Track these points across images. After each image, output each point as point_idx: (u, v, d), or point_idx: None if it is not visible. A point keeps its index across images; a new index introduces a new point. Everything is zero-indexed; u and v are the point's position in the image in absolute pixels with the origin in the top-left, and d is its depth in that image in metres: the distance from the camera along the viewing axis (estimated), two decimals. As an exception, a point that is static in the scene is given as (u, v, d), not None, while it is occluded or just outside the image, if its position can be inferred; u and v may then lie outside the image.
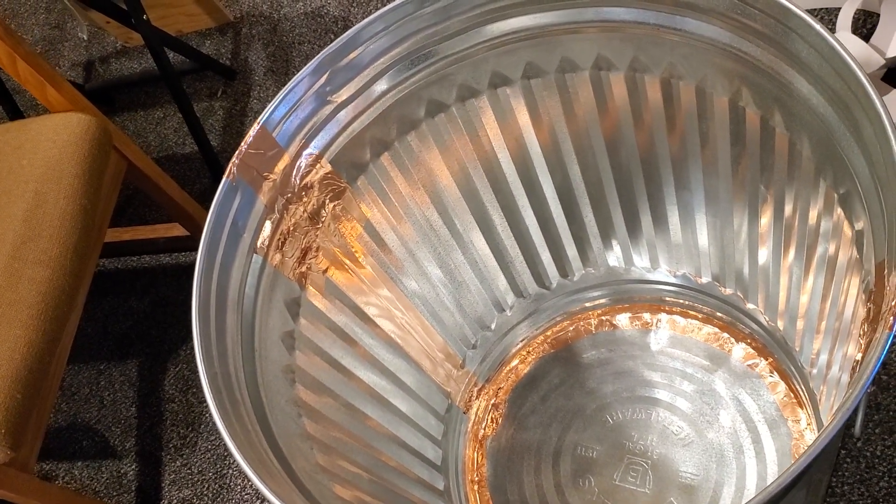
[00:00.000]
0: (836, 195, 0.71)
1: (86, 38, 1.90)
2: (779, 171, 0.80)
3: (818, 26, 0.61)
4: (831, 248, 0.78)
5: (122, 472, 1.39)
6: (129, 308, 1.54)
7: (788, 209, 0.84)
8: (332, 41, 1.68)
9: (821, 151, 0.70)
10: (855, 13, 1.23)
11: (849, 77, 0.60)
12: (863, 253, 0.67)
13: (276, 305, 0.80)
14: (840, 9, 1.24)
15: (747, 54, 0.72)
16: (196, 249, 1.54)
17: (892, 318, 0.52)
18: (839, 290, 0.80)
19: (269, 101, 1.65)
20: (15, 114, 1.66)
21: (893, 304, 0.53)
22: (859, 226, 0.68)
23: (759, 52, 0.70)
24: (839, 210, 0.72)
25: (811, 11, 1.31)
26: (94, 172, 1.16)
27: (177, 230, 1.49)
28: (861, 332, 0.64)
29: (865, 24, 1.27)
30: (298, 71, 1.66)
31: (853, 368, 0.63)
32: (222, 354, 0.69)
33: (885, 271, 0.58)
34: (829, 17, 1.30)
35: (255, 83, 1.71)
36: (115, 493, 1.37)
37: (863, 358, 0.55)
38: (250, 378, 0.72)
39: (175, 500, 1.33)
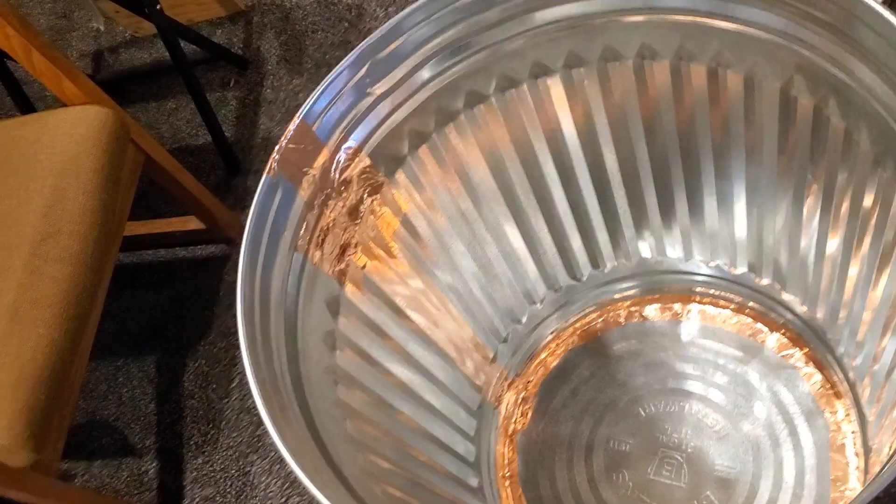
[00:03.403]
0: (896, 187, 0.70)
1: (102, 28, 1.87)
2: (830, 161, 0.78)
3: (887, 14, 0.59)
4: (887, 239, 0.76)
5: (142, 470, 1.37)
6: (146, 303, 1.52)
7: (838, 198, 0.82)
8: (345, 29, 1.67)
9: (882, 142, 0.69)
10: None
11: (922, 66, 0.58)
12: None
13: (316, 304, 0.78)
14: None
15: (804, 42, 0.70)
16: (213, 242, 1.54)
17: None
18: (891, 288, 0.78)
19: (283, 91, 1.65)
20: (25, 104, 1.63)
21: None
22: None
23: (818, 40, 0.68)
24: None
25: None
26: (113, 166, 1.14)
27: (193, 223, 1.47)
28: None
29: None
30: (312, 59, 1.66)
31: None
32: (268, 358, 0.67)
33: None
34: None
35: (269, 73, 1.68)
36: (136, 492, 1.35)
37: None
38: (296, 382, 0.70)
39: (198, 498, 1.31)
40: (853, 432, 0.98)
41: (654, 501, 1.00)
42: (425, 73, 0.82)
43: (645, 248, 1.08)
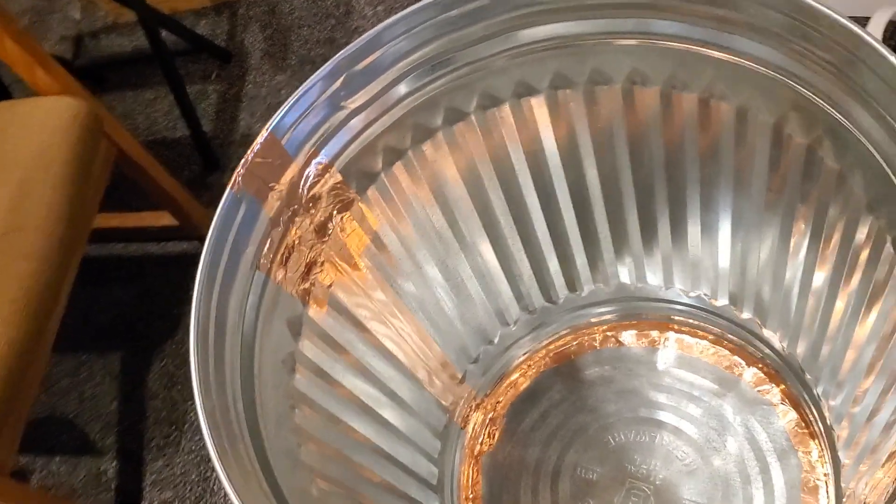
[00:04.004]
0: (888, 237, 0.67)
1: (78, 17, 1.83)
2: (821, 203, 0.76)
3: (893, 58, 0.56)
4: (873, 290, 0.74)
5: (101, 469, 1.33)
6: (113, 298, 1.48)
7: (826, 234, 0.79)
8: (332, 26, 1.64)
9: (876, 189, 0.66)
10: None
11: (924, 118, 0.55)
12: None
13: (276, 326, 0.74)
14: (869, 18, 1.20)
15: (801, 79, 0.67)
16: (185, 239, 1.50)
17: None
18: (880, 326, 0.76)
19: (265, 87, 1.61)
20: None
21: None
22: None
23: (816, 79, 0.65)
24: (892, 253, 0.67)
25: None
26: (83, 160, 1.11)
27: (166, 219, 1.43)
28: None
29: (895, 37, 1.22)
30: (297, 56, 1.62)
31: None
32: (220, 385, 0.64)
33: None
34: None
35: (252, 67, 1.65)
36: (93, 492, 1.32)
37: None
38: (249, 408, 0.66)
39: (156, 502, 1.28)
40: (826, 475, 0.96)
41: (619, 533, 0.97)
42: (402, 89, 0.78)
43: (624, 274, 1.05)
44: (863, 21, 1.22)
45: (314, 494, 0.70)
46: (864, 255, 0.75)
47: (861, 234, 0.73)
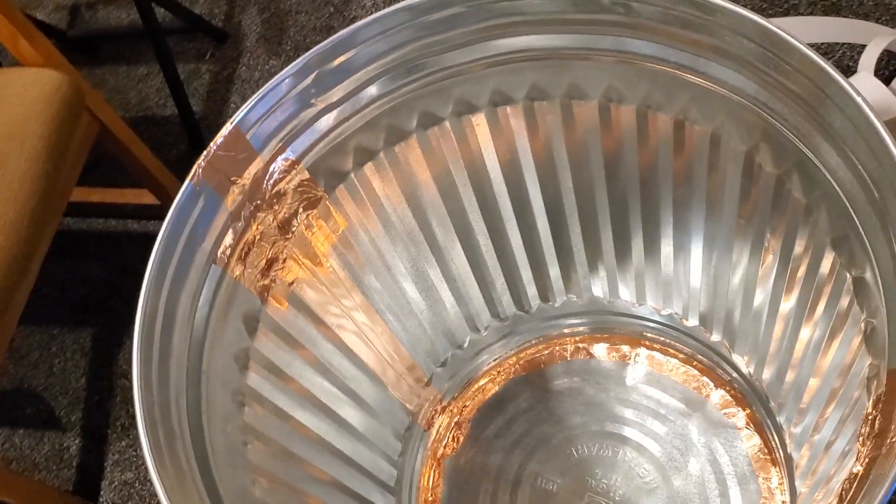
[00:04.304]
0: (848, 276, 0.66)
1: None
2: (788, 234, 0.75)
3: (860, 99, 0.56)
4: (835, 323, 0.73)
5: (64, 445, 1.33)
6: (90, 273, 1.47)
7: (794, 265, 0.79)
8: (330, 14, 1.62)
9: (840, 227, 0.65)
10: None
11: (886, 161, 0.54)
12: (871, 343, 0.62)
13: (231, 321, 0.74)
14: (864, 47, 1.19)
15: (772, 111, 0.66)
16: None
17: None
18: (839, 359, 0.75)
19: (258, 70, 1.60)
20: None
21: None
22: (872, 318, 0.62)
23: (787, 112, 0.65)
24: (851, 291, 0.67)
25: (831, 47, 1.25)
26: (61, 134, 1.10)
27: (147, 197, 1.42)
28: (861, 434, 0.59)
29: (888, 66, 1.21)
30: (292, 41, 1.60)
31: (851, 480, 0.58)
32: (163, 381, 0.63)
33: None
34: (851, 53, 1.24)
35: (246, 49, 1.63)
36: (55, 468, 1.31)
37: (861, 477, 0.49)
38: (193, 406, 0.66)
39: (117, 482, 1.27)
40: (783, 502, 0.95)
41: (574, 547, 0.97)
42: (374, 90, 0.77)
43: (597, 288, 1.04)
44: (858, 49, 1.22)
45: (256, 494, 0.70)
46: (828, 288, 0.74)
47: (825, 268, 0.72)
